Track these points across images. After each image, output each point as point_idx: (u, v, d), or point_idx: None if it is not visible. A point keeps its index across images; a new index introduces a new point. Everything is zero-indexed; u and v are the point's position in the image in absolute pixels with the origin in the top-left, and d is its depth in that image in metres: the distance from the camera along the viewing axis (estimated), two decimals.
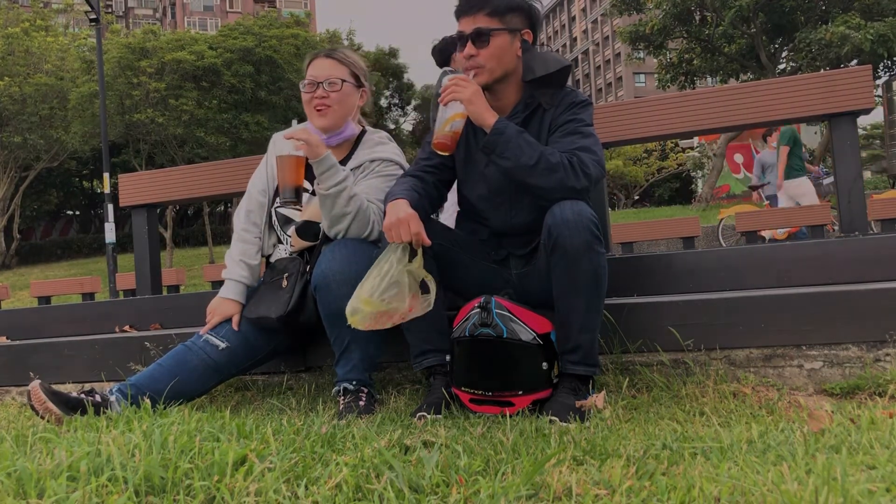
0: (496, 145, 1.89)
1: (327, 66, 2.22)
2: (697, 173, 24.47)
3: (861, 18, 16.09)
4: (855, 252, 2.32)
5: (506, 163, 1.89)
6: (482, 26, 1.96)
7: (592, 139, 1.96)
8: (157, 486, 1.10)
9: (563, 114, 2.01)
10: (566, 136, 1.96)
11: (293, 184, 2.02)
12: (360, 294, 1.78)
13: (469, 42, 1.97)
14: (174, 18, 60.78)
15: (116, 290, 8.33)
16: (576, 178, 1.85)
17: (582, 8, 78.51)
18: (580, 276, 1.81)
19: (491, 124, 1.89)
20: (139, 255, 3.48)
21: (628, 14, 20.44)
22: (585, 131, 1.97)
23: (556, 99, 2.03)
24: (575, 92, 2.07)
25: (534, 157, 1.85)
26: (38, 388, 1.80)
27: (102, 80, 13.87)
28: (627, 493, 1.08)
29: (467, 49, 1.97)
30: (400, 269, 1.79)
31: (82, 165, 30.83)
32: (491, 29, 1.96)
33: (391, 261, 1.80)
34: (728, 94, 2.91)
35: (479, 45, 1.97)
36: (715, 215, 12.20)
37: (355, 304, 1.79)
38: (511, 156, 1.87)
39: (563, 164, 1.85)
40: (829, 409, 1.67)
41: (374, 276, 1.79)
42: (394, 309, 1.79)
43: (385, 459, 1.21)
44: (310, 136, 2.02)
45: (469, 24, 1.98)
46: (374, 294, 1.76)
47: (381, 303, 1.76)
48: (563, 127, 1.98)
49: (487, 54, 1.97)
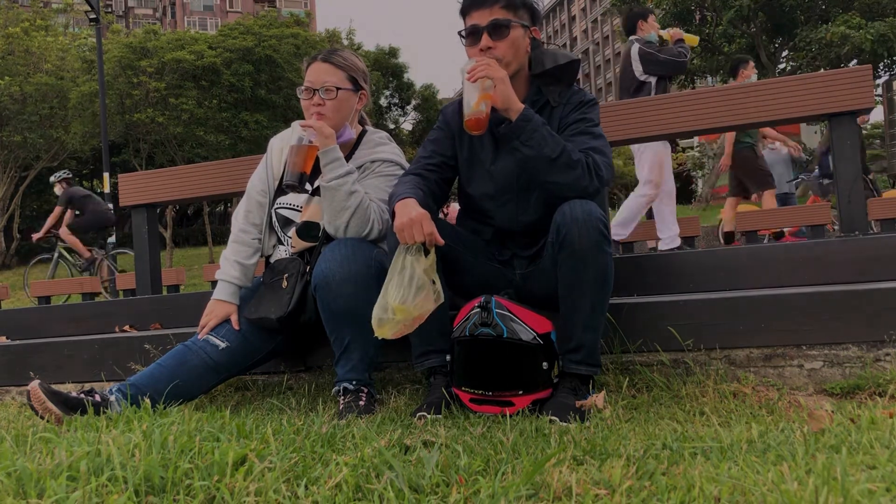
0: (522, 131, 1.85)
1: (324, 72, 2.21)
2: (697, 173, 24.47)
3: (861, 18, 16.10)
4: (855, 252, 2.32)
5: (528, 150, 1.86)
6: (500, 18, 1.95)
7: (602, 140, 1.96)
8: (157, 485, 1.10)
9: (571, 112, 2.01)
10: (576, 135, 1.95)
11: (300, 170, 2.02)
12: (389, 302, 1.72)
13: (485, 34, 1.96)
14: (174, 18, 60.77)
15: (116, 290, 8.32)
16: (590, 180, 1.85)
17: (582, 8, 78.50)
18: (587, 276, 1.80)
19: (518, 109, 1.86)
20: (139, 254, 3.48)
21: None
22: (595, 132, 1.97)
23: (564, 97, 2.03)
24: (583, 91, 2.07)
25: (556, 150, 1.83)
26: (37, 388, 1.80)
27: (102, 80, 13.86)
28: (627, 492, 1.08)
29: (484, 41, 1.96)
30: (420, 271, 1.75)
31: (82, 165, 30.79)
32: (510, 20, 1.96)
33: (410, 263, 1.75)
34: (728, 94, 2.91)
35: (497, 38, 1.96)
36: (715, 215, 12.19)
37: (384, 314, 1.73)
38: (535, 144, 1.84)
39: (581, 163, 1.85)
40: (829, 408, 1.67)
41: (396, 282, 1.74)
42: (425, 311, 1.75)
43: (385, 459, 1.21)
44: (323, 126, 2.04)
45: (485, 17, 1.96)
46: (406, 301, 1.71)
47: (414, 308, 1.72)
48: (573, 126, 1.98)
49: (505, 47, 1.96)
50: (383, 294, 1.75)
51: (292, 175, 2.01)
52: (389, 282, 1.76)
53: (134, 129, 21.58)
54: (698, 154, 23.76)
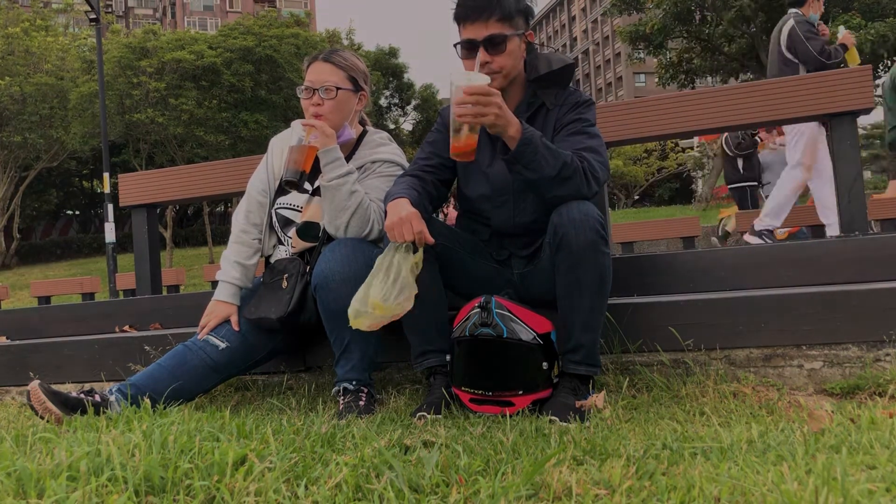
0: (523, 156, 1.80)
1: (324, 71, 2.20)
2: (697, 173, 24.48)
3: (861, 18, 16.10)
4: (855, 252, 2.32)
5: (531, 174, 1.82)
6: (496, 32, 1.92)
7: (598, 140, 1.96)
8: (156, 485, 1.10)
9: (567, 113, 2.00)
10: (572, 135, 1.95)
11: (299, 167, 2.00)
12: (370, 297, 1.73)
13: (482, 49, 1.93)
14: (174, 18, 60.78)
15: (116, 290, 8.32)
16: (587, 184, 1.85)
17: (582, 8, 78.51)
18: (585, 276, 1.81)
19: (516, 135, 1.79)
20: (139, 254, 3.48)
21: (628, 14, 20.47)
22: (591, 131, 1.97)
23: (559, 98, 2.03)
24: (578, 92, 2.06)
25: (556, 166, 1.81)
26: (37, 389, 1.80)
27: (102, 80, 13.87)
28: (627, 492, 1.08)
29: (482, 56, 1.93)
30: (407, 271, 1.76)
31: (82, 165, 30.83)
32: (505, 35, 1.93)
33: (397, 261, 1.76)
34: (728, 94, 2.91)
35: (494, 52, 1.94)
36: (715, 215, 12.20)
37: (362, 307, 1.74)
38: (537, 167, 1.80)
39: (578, 170, 1.83)
40: (829, 408, 1.67)
41: (381, 279, 1.75)
42: (403, 311, 1.76)
43: (385, 459, 1.21)
44: (324, 125, 2.05)
45: (480, 31, 1.93)
46: (388, 299, 1.72)
47: (395, 307, 1.73)
48: (569, 126, 1.97)
49: (503, 60, 1.95)
50: (365, 287, 1.77)
51: (293, 172, 2.00)
52: (374, 277, 1.77)
53: (134, 130, 21.60)
54: (698, 154, 23.77)
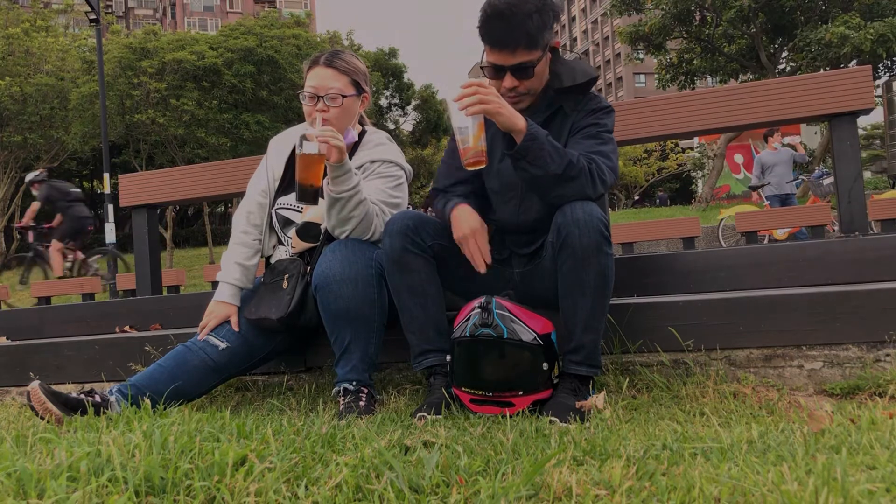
0: (528, 151, 1.80)
1: (327, 77, 2.18)
2: (697, 173, 24.48)
3: (861, 18, 16.09)
4: (855, 252, 2.32)
5: (536, 170, 1.82)
6: (523, 61, 1.90)
7: (611, 146, 1.96)
8: (157, 486, 1.10)
9: (585, 117, 2.00)
10: (586, 138, 1.95)
11: (314, 185, 1.92)
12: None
13: (509, 75, 1.92)
14: (174, 18, 60.78)
15: (116, 291, 8.32)
16: (593, 186, 1.85)
17: (582, 8, 78.49)
18: (587, 277, 1.80)
19: (522, 129, 1.80)
20: (139, 255, 3.48)
21: (628, 14, 20.44)
22: (605, 137, 1.97)
23: (579, 104, 2.03)
24: (598, 97, 2.06)
25: (562, 164, 1.80)
26: (37, 389, 1.80)
27: (102, 81, 13.86)
28: (627, 493, 1.08)
29: (508, 81, 1.92)
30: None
31: (82, 166, 30.82)
32: (533, 61, 1.91)
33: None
34: (728, 95, 2.91)
35: (521, 77, 1.93)
36: (715, 215, 12.20)
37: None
38: (542, 164, 1.80)
39: (584, 170, 1.83)
40: (829, 409, 1.67)
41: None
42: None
43: (385, 460, 1.21)
44: (339, 140, 1.94)
45: (507, 59, 1.90)
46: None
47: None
48: (585, 130, 1.97)
49: (530, 83, 1.95)
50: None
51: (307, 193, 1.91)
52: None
53: (134, 130, 21.60)
54: (698, 154, 23.76)
